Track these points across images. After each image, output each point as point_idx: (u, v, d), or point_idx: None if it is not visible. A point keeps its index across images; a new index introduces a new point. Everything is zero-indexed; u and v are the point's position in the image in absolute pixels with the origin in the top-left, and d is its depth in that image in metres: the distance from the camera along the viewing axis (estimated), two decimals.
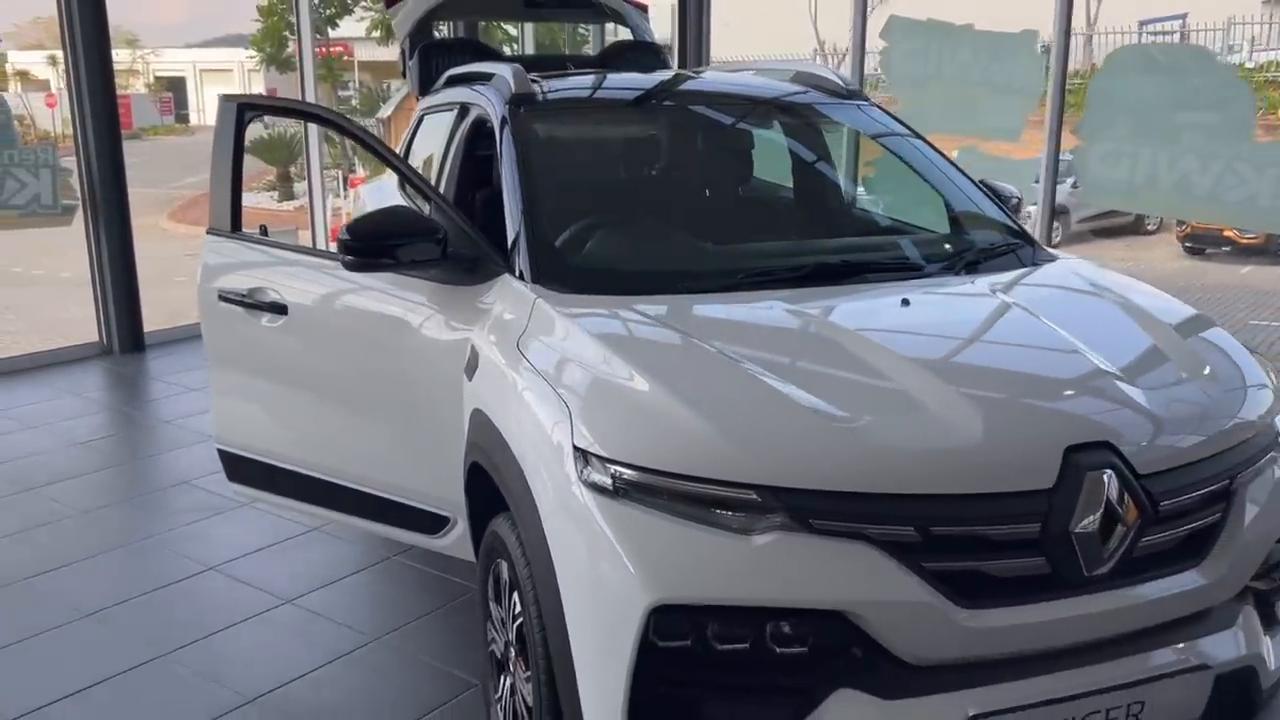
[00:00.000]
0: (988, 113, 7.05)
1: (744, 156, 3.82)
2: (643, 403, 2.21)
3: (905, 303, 2.70)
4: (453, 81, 4.21)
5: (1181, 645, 2.20)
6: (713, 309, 2.73)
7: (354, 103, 28.31)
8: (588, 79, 4.08)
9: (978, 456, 2.09)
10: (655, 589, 1.99)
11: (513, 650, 2.59)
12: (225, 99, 3.39)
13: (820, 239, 3.46)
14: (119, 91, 7.43)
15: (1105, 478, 2.09)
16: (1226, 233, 13.97)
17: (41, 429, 5.61)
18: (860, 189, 5.66)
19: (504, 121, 3.29)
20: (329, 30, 24.10)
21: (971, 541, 2.05)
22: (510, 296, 2.83)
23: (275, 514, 4.36)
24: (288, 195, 21.68)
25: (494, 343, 2.73)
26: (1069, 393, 2.37)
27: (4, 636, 3.50)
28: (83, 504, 4.60)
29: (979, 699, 2.04)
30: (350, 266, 2.94)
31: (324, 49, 24.10)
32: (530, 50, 10.55)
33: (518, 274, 2.87)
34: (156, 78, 40.87)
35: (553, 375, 2.41)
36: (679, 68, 8.56)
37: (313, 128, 8.49)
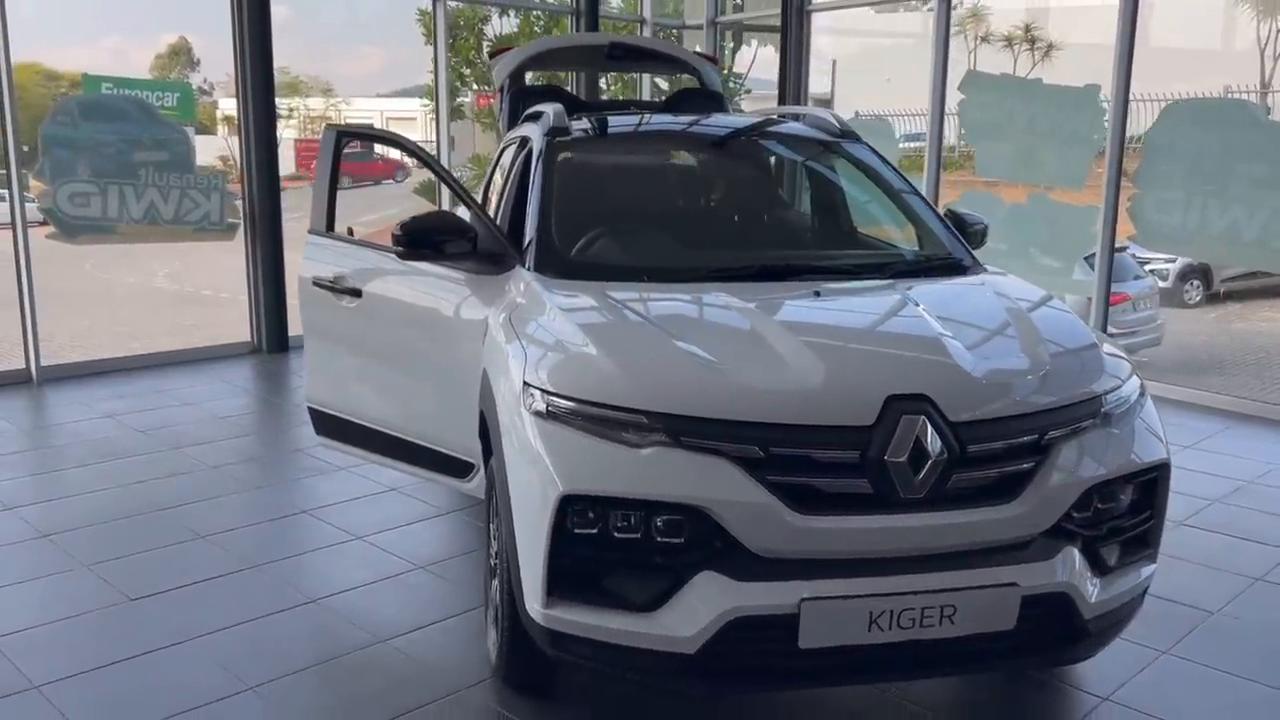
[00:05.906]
0: (1053, 161, 7.40)
1: (741, 180, 4.46)
2: (575, 351, 2.89)
3: (816, 294, 3.31)
4: (527, 119, 5.01)
5: (996, 567, 2.71)
6: (654, 292, 3.36)
7: None
8: (624, 119, 4.82)
9: (812, 396, 2.69)
10: (565, 483, 2.66)
11: (497, 558, 3.29)
12: (327, 127, 4.27)
13: (783, 248, 4.06)
14: (310, 136, 8.58)
15: (918, 421, 2.65)
16: None
17: (192, 406, 6.69)
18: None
19: (540, 151, 4.05)
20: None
21: (804, 460, 2.64)
22: (518, 282, 3.56)
23: (362, 475, 5.21)
24: None
25: (499, 316, 3.46)
26: (904, 354, 2.95)
27: (140, 546, 4.43)
28: (214, 461, 5.57)
29: (812, 588, 2.62)
30: (401, 255, 3.74)
31: (487, 99, 25.54)
32: (646, 91, 11.44)
33: (527, 266, 3.60)
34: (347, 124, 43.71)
35: (523, 333, 3.12)
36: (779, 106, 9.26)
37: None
